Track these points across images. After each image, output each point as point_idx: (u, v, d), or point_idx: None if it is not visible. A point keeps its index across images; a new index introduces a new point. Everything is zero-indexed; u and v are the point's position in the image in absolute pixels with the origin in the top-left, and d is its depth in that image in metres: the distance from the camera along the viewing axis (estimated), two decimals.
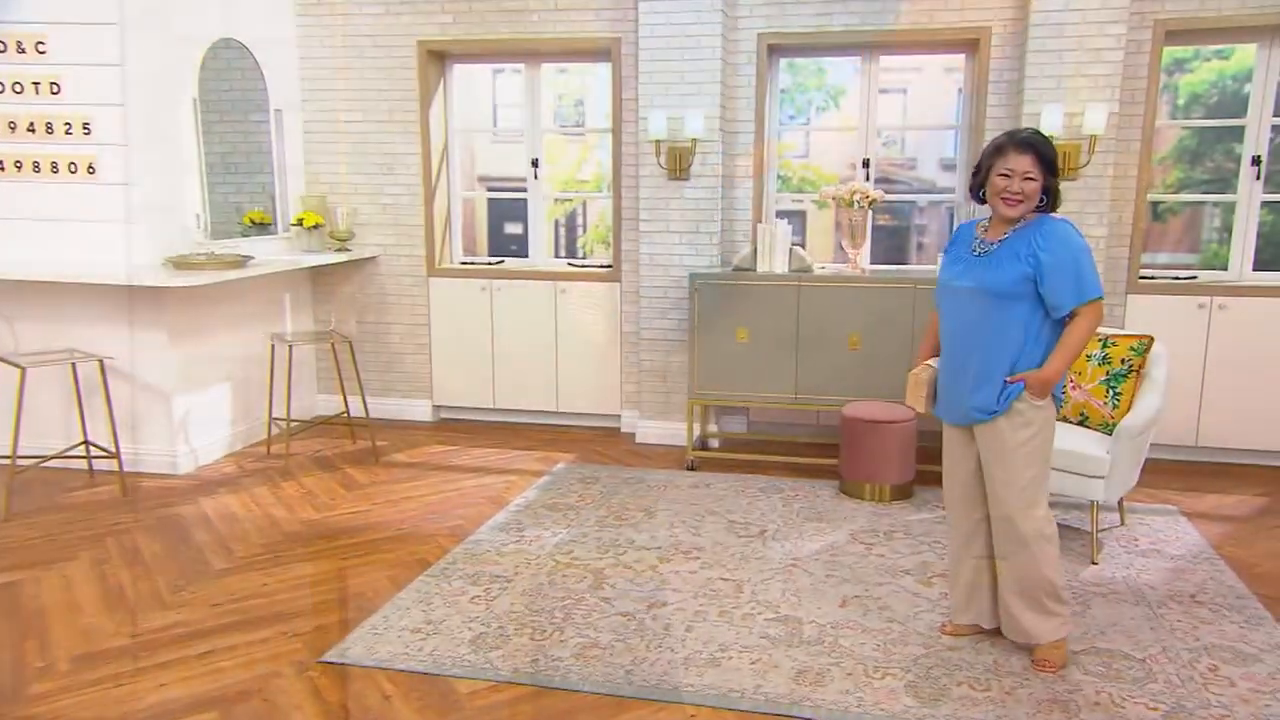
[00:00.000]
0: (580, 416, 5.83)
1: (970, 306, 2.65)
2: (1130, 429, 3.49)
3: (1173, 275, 5.12)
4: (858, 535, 3.91)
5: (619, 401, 5.72)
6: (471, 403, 5.88)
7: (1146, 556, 3.66)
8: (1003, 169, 2.63)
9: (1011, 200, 2.64)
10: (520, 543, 3.79)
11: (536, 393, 5.77)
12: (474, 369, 5.80)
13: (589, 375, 5.69)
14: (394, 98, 5.57)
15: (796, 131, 6.27)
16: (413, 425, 5.79)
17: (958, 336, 2.70)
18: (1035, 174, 2.62)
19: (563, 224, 7.59)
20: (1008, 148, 2.64)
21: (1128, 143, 4.84)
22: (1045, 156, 2.63)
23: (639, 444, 5.43)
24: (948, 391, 2.76)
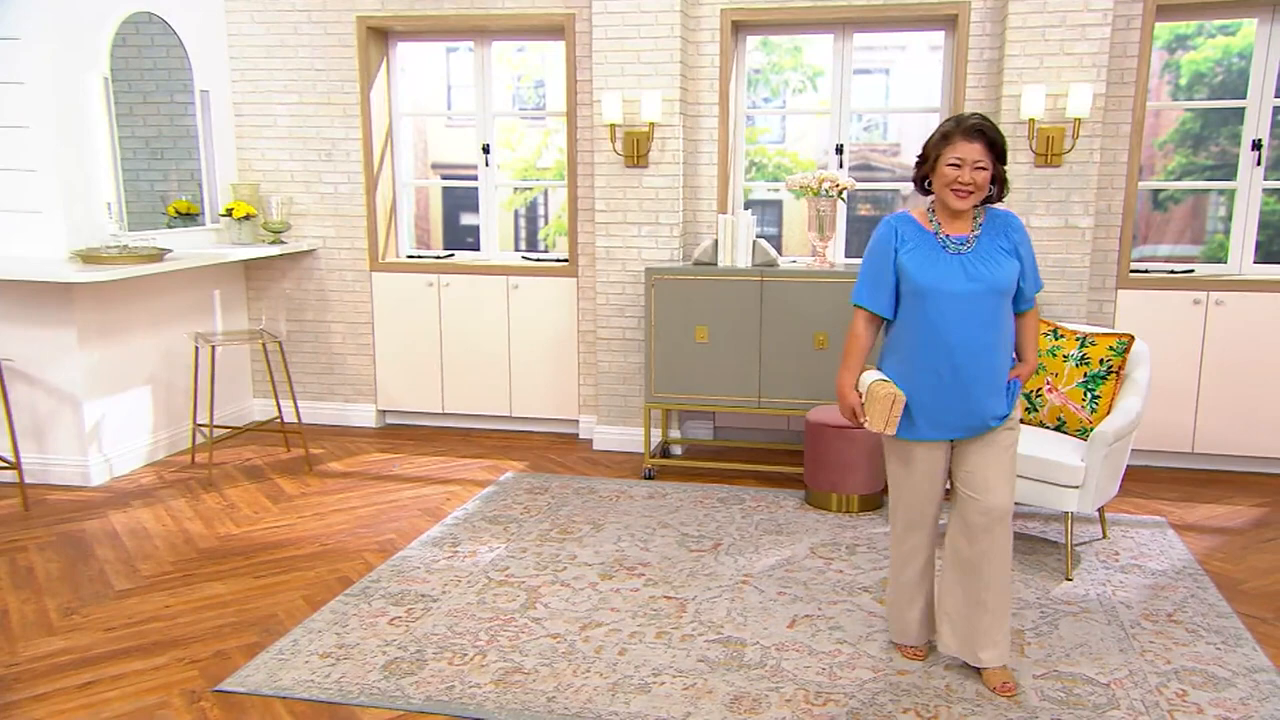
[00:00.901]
0: (536, 422, 5.80)
1: (978, 309, 2.61)
2: (1106, 435, 3.47)
3: (1168, 269, 5.10)
4: (817, 549, 3.89)
5: (577, 406, 5.68)
6: (419, 407, 5.85)
7: (1126, 572, 3.64)
8: (951, 158, 2.61)
9: (962, 191, 2.63)
10: (453, 559, 3.75)
11: (488, 397, 5.73)
12: (421, 371, 5.77)
13: (544, 378, 5.65)
14: (332, 78, 5.53)
15: (771, 115, 6.24)
16: (354, 432, 5.75)
17: (964, 344, 2.62)
18: (986, 162, 2.61)
19: (523, 215, 7.56)
20: (955, 135, 2.62)
21: (1116, 126, 4.83)
22: (995, 143, 2.63)
23: (596, 451, 5.40)
24: (947, 406, 2.67)
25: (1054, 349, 3.88)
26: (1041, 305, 4.80)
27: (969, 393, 2.66)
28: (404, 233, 5.96)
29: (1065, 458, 3.54)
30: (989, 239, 2.69)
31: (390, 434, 5.75)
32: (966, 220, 2.72)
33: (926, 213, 2.76)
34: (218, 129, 5.49)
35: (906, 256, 2.69)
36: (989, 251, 2.68)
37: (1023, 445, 3.66)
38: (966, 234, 2.69)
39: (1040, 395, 3.89)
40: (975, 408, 2.68)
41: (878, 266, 2.72)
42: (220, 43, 5.52)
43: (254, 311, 5.81)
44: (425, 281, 5.70)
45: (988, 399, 2.68)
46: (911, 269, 2.67)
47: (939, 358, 2.65)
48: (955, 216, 2.70)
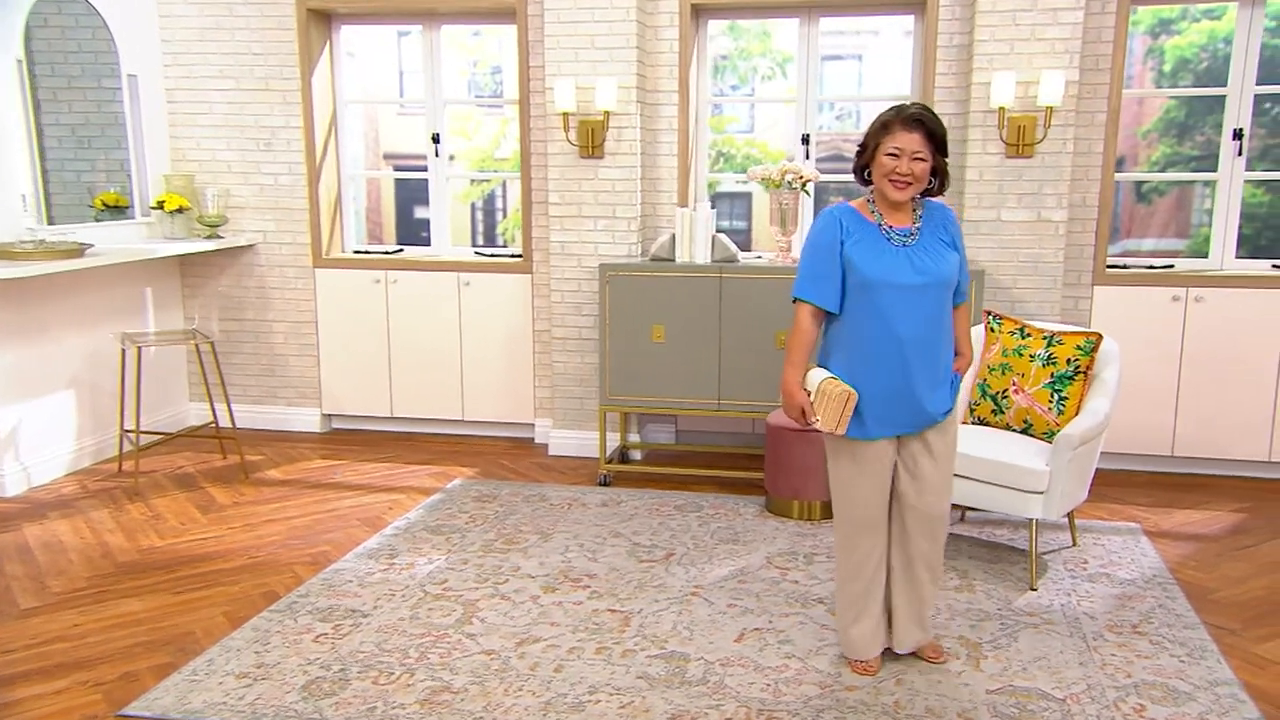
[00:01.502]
0: (489, 426, 5.77)
1: (924, 303, 2.69)
2: (1071, 438, 3.48)
3: (1147, 264, 5.13)
4: (774, 559, 3.88)
5: (532, 409, 5.66)
6: (366, 411, 5.81)
7: (1093, 581, 3.65)
8: (890, 148, 2.66)
9: (900, 182, 2.68)
10: (389, 571, 3.72)
11: (439, 400, 5.70)
12: (368, 373, 5.73)
13: (498, 380, 5.63)
14: (271, 63, 5.48)
15: (739, 103, 6.24)
16: (297, 437, 5.71)
17: (913, 338, 2.68)
18: (924, 153, 2.67)
19: (480, 208, 7.52)
20: (894, 124, 2.67)
21: (1091, 115, 4.85)
22: (934, 134, 2.68)
23: (551, 457, 5.38)
24: (895, 401, 2.72)
25: (1020, 349, 3.89)
26: (1014, 303, 4.81)
27: (917, 388, 2.72)
28: (350, 226, 5.92)
29: (1029, 462, 3.54)
30: (930, 231, 2.76)
31: (335, 439, 5.71)
32: (907, 212, 2.77)
33: (867, 204, 2.79)
34: (148, 117, 5.43)
35: (853, 248, 2.71)
36: (931, 244, 2.74)
37: (986, 449, 3.66)
38: (909, 226, 2.74)
39: (1006, 397, 3.90)
40: (923, 403, 2.74)
41: (822, 259, 2.74)
42: (150, 24, 5.46)
43: (190, 310, 5.76)
44: (372, 278, 5.67)
45: (935, 393, 2.76)
46: (859, 261, 2.69)
47: (889, 353, 2.70)
48: (895, 208, 2.75)
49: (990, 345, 4.04)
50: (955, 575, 3.71)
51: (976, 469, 3.64)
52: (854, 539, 2.82)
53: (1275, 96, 5.15)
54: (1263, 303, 4.80)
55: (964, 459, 3.66)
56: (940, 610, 3.40)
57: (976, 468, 3.64)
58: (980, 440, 3.76)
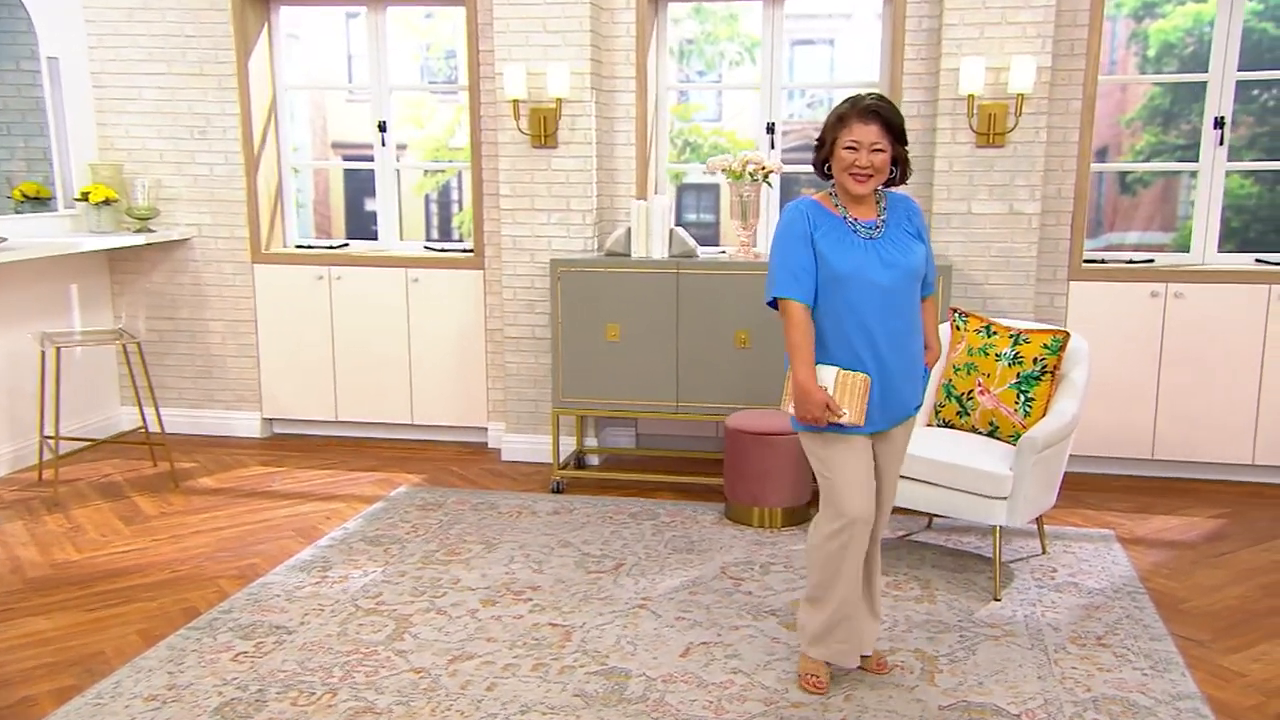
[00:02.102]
0: (441, 430, 5.75)
1: (896, 296, 2.75)
2: (1035, 441, 3.49)
3: (1126, 259, 5.16)
4: (729, 569, 3.88)
5: (485, 412, 5.64)
6: (309, 415, 5.77)
7: (1060, 591, 3.66)
8: (848, 141, 2.71)
9: (860, 175, 2.73)
10: (320, 585, 3.70)
11: (386, 403, 5.67)
12: (311, 375, 5.69)
13: (449, 381, 5.61)
14: (204, 46, 5.43)
15: (705, 90, 6.24)
16: (236, 443, 5.67)
17: (886, 332, 2.74)
18: (883, 144, 2.72)
19: (435, 199, 7.49)
20: (850, 117, 2.72)
21: (1066, 102, 4.87)
22: (892, 124, 2.74)
23: (504, 463, 5.37)
24: (887, 395, 2.79)
25: (986, 347, 3.91)
26: (985, 300, 4.83)
27: (892, 382, 2.79)
28: (291, 220, 5.88)
29: (992, 466, 3.55)
30: (895, 223, 2.83)
31: (276, 445, 5.67)
32: (870, 205, 2.83)
33: (830, 197, 2.83)
34: (72, 102, 5.37)
35: (822, 241, 2.74)
36: (898, 236, 2.80)
37: (948, 452, 3.67)
38: (874, 219, 2.80)
39: (972, 398, 3.91)
40: (899, 397, 2.82)
41: (796, 253, 2.75)
42: (72, 3, 5.40)
43: (119, 309, 5.70)
44: (315, 274, 5.63)
45: (909, 387, 2.84)
46: (830, 255, 2.73)
47: (863, 349, 2.75)
48: (858, 201, 2.80)
49: (956, 344, 4.05)
50: (917, 585, 3.72)
51: (938, 474, 3.65)
52: (849, 543, 2.81)
53: (1264, 83, 5.19)
54: (1245, 299, 4.84)
55: (926, 463, 3.67)
56: (898, 622, 3.41)
57: (938, 472, 3.65)
58: (943, 443, 3.76)
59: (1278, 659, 3.18)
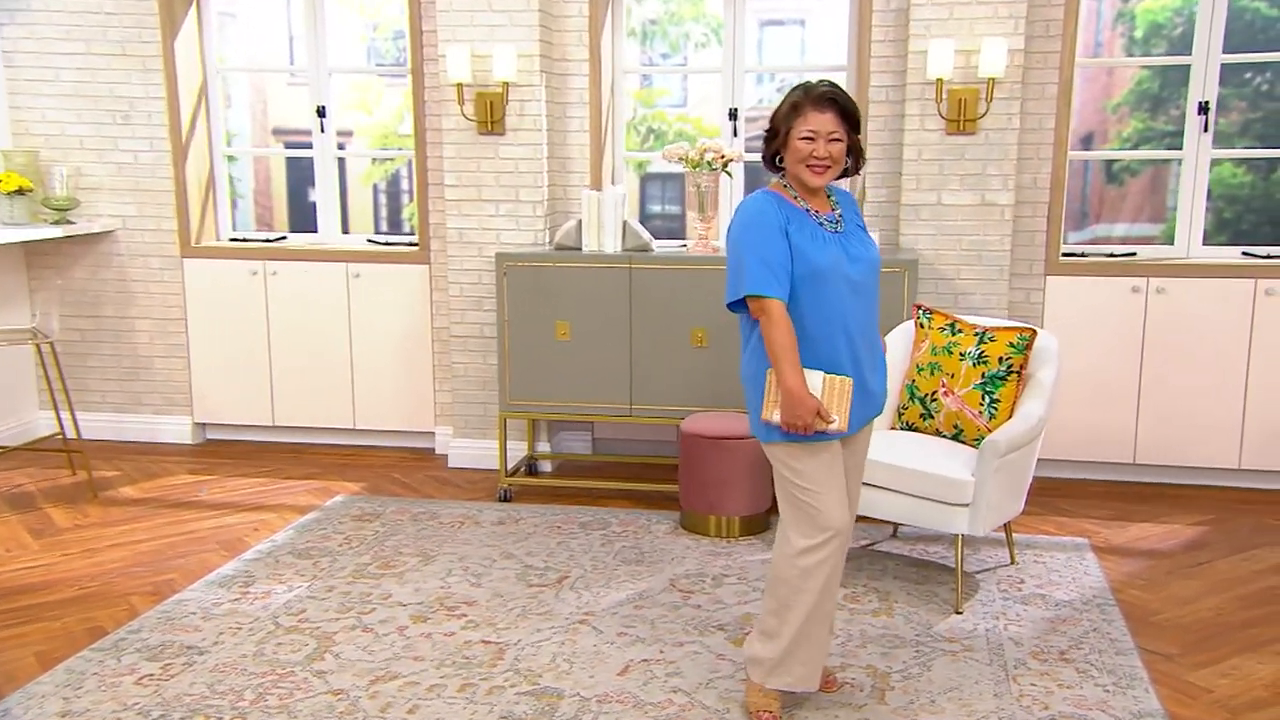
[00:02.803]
0: (386, 435, 5.74)
1: (864, 291, 2.80)
2: (998, 445, 3.51)
3: (1107, 252, 5.19)
4: (678, 581, 3.88)
5: (432, 416, 5.63)
6: (245, 419, 5.75)
7: (1026, 603, 3.68)
8: (804, 131, 2.71)
9: (818, 167, 2.73)
10: (240, 601, 3.68)
11: (327, 407, 5.66)
12: (246, 377, 5.67)
13: (393, 383, 5.59)
14: (126, 24, 5.40)
15: (667, 74, 6.24)
16: (165, 449, 5.64)
17: (859, 329, 2.77)
18: (840, 134, 2.73)
19: (383, 189, 7.47)
20: (805, 105, 2.71)
21: (1041, 87, 4.90)
22: (848, 112, 2.74)
23: (451, 469, 5.36)
24: (860, 396, 2.81)
25: (950, 346, 3.92)
26: (957, 296, 4.85)
27: (867, 383, 2.83)
28: (224, 210, 5.85)
29: (953, 471, 3.57)
30: (848, 217, 2.87)
31: (208, 451, 5.64)
32: (822, 198, 2.85)
33: (785, 189, 2.82)
34: None
35: (796, 235, 2.72)
36: (854, 230, 2.85)
37: (908, 457, 3.69)
38: (831, 212, 2.83)
39: (935, 399, 3.93)
40: (872, 397, 2.87)
41: (772, 246, 2.69)
42: None
43: (36, 306, 5.66)
44: (249, 269, 5.61)
45: (878, 385, 2.89)
46: (807, 249, 2.71)
47: (839, 347, 2.75)
48: (812, 194, 2.82)
49: (919, 343, 4.07)
50: (875, 597, 3.73)
51: (898, 479, 3.66)
52: (829, 557, 2.77)
53: (1257, 66, 5.21)
54: (1230, 294, 4.88)
55: (885, 468, 3.68)
56: (852, 636, 3.42)
57: (898, 478, 3.66)
58: (904, 447, 3.78)
59: (1247, 674, 3.20)
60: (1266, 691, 3.10)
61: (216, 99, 5.71)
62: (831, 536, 2.75)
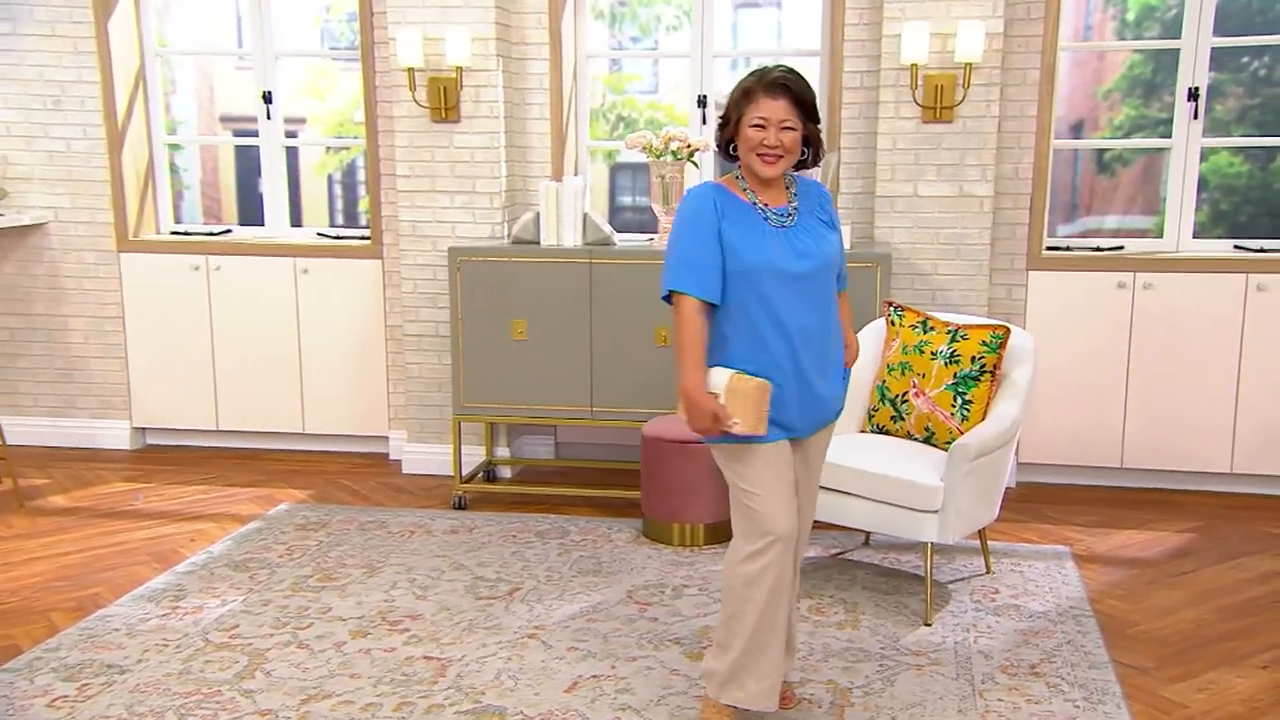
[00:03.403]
0: (337, 440, 5.73)
1: (812, 290, 2.79)
2: (967, 449, 3.52)
3: (1093, 245, 5.21)
4: (636, 593, 3.89)
5: (386, 419, 5.62)
6: (188, 424, 5.73)
7: (999, 614, 3.70)
8: (754, 118, 2.72)
9: (769, 156, 2.74)
10: (169, 617, 3.67)
11: (274, 410, 5.64)
12: (188, 379, 5.65)
13: (345, 385, 5.58)
14: (55, 4, 5.39)
15: (636, 59, 6.24)
16: (102, 456, 5.63)
17: (802, 330, 2.77)
18: (793, 122, 2.73)
19: (339, 180, 7.44)
20: (756, 92, 2.73)
21: (1023, 72, 4.92)
22: (802, 99, 2.74)
23: (405, 475, 5.36)
24: (793, 403, 2.79)
25: (921, 345, 3.94)
26: (935, 292, 4.87)
27: (812, 385, 2.82)
28: (164, 202, 5.84)
29: (921, 476, 3.58)
30: (807, 210, 2.86)
31: (148, 458, 5.63)
32: (780, 189, 2.85)
33: (736, 180, 2.84)
34: None
35: (730, 230, 2.75)
36: (810, 224, 2.84)
37: (875, 461, 3.70)
38: (786, 205, 2.83)
39: (906, 401, 3.94)
40: (819, 400, 2.85)
41: (700, 243, 2.74)
42: None
43: None
44: (190, 264, 5.59)
45: (829, 389, 2.87)
46: (740, 245, 2.74)
47: (779, 348, 2.76)
48: (767, 185, 2.82)
49: (890, 341, 4.08)
50: (842, 609, 3.74)
51: (865, 485, 3.67)
52: (772, 564, 2.79)
53: (1255, 49, 5.23)
54: (1221, 289, 4.91)
55: (852, 473, 3.69)
56: (814, 650, 3.43)
57: (865, 483, 3.67)
58: (872, 451, 3.79)
59: (1225, 689, 3.22)
60: (1243, 707, 3.12)
61: (155, 83, 5.69)
62: (773, 541, 2.75)
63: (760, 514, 2.76)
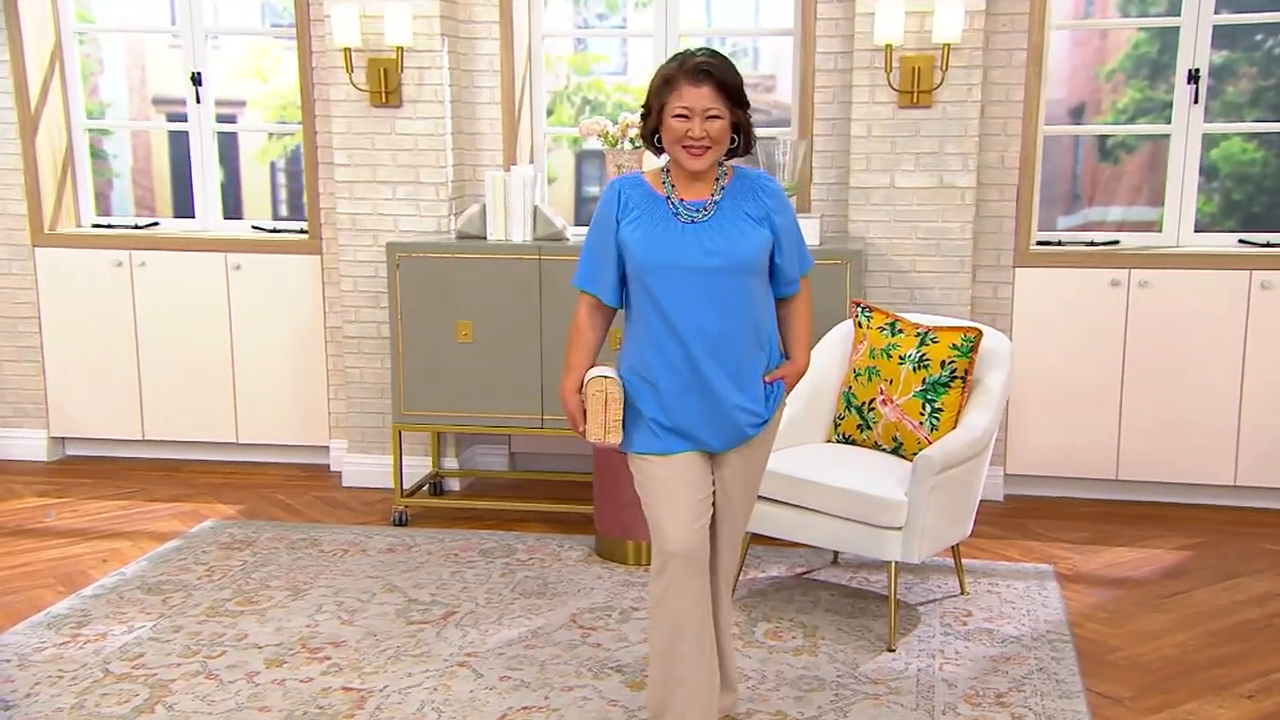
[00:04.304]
0: (273, 450, 5.73)
1: (716, 290, 2.78)
2: (931, 461, 3.53)
3: (1087, 240, 5.22)
4: (581, 616, 3.89)
5: (327, 428, 5.62)
6: (110, 433, 5.73)
7: (969, 639, 3.71)
8: (677, 108, 2.72)
9: (695, 148, 2.75)
10: (68, 645, 3.67)
11: (205, 418, 5.65)
12: (111, 384, 5.66)
13: (283, 391, 5.59)
14: None
15: (609, 39, 6.24)
16: (15, 468, 5.65)
17: (700, 333, 2.77)
18: (719, 110, 2.73)
19: (283, 168, 7.44)
20: (678, 79, 2.73)
21: (1008, 54, 4.93)
22: (727, 85, 2.74)
23: (345, 489, 5.36)
24: (691, 411, 2.81)
25: (889, 348, 3.94)
26: (912, 290, 4.87)
27: (713, 394, 2.80)
28: (85, 192, 5.84)
29: (884, 490, 3.59)
30: (732, 204, 2.84)
31: (66, 470, 5.63)
32: (707, 182, 2.85)
33: (660, 173, 2.86)
34: None
35: (629, 228, 2.81)
36: (731, 219, 2.82)
37: (836, 474, 3.71)
38: (705, 199, 2.82)
39: (873, 408, 3.95)
40: (724, 413, 2.83)
41: (599, 241, 2.87)
42: None
43: None
44: (113, 260, 5.59)
45: (736, 401, 2.83)
46: (634, 243, 2.79)
47: (672, 351, 2.79)
48: (694, 178, 2.83)
49: (857, 344, 4.09)
50: (800, 633, 3.75)
51: (823, 499, 3.68)
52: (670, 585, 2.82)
53: (1269, 27, 5.22)
54: (1222, 287, 4.92)
55: (809, 486, 3.70)
56: (766, 677, 3.43)
57: (823, 497, 3.68)
58: (832, 463, 3.80)
59: None
60: None
61: (74, 63, 5.69)
62: (668, 561, 2.78)
63: (655, 529, 2.82)
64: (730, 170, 2.87)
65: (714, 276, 2.76)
